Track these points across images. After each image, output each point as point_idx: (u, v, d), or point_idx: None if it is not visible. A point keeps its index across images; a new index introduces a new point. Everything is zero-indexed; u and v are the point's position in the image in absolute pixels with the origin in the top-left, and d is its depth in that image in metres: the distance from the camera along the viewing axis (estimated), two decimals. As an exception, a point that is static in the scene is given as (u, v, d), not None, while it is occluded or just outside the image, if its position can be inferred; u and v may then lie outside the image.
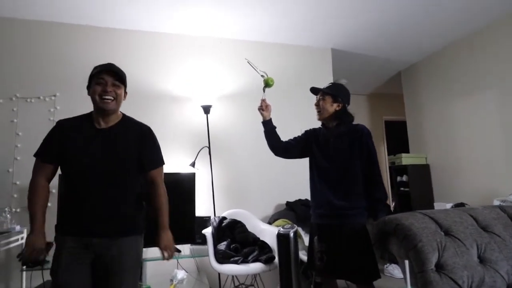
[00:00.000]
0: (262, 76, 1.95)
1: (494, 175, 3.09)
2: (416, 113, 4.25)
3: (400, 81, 4.48)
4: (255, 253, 2.37)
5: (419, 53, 3.93)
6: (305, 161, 1.99)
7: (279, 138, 2.00)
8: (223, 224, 2.55)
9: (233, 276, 2.40)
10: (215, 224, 2.54)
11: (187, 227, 2.55)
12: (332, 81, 1.95)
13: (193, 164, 2.76)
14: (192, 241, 2.60)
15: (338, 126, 1.87)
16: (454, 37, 3.53)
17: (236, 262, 2.27)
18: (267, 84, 1.95)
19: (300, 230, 2.59)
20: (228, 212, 2.78)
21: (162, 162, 1.59)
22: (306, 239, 2.47)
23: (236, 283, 2.52)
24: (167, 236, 1.52)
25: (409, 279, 0.98)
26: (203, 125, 3.00)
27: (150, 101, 3.01)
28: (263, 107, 1.97)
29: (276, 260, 2.29)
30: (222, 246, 2.40)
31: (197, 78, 3.15)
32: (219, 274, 2.74)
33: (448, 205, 3.22)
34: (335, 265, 1.76)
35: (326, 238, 1.81)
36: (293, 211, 2.88)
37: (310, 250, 1.91)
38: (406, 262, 1.04)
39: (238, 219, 2.71)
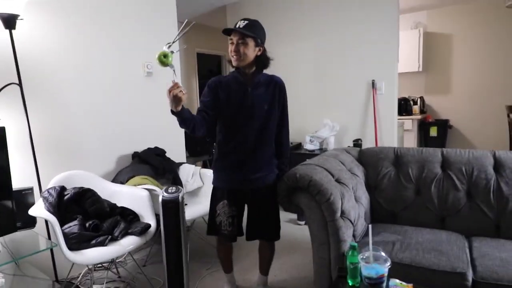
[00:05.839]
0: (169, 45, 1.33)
1: (305, 115, 3.80)
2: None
3: (225, 15, 4.40)
4: (121, 225, 1.91)
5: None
6: (154, 101, 1.59)
7: (199, 120, 1.52)
8: (66, 197, 1.84)
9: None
10: (51, 199, 1.79)
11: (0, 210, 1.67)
12: (246, 17, 1.57)
13: (-8, 113, 1.71)
14: (11, 230, 1.75)
15: (257, 73, 1.64)
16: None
17: (102, 243, 1.75)
18: (163, 60, 1.30)
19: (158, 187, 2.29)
20: (60, 178, 2.01)
21: None
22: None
23: (92, 268, 1.99)
24: None
25: (371, 240, 1.09)
26: (5, 49, 1.84)
27: None
28: (177, 93, 1.30)
29: (152, 229, 1.95)
30: (73, 227, 1.76)
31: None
32: (54, 263, 2.06)
33: (271, 140, 3.75)
34: (249, 228, 1.73)
35: (238, 202, 1.70)
36: (147, 163, 2.45)
37: (213, 215, 1.74)
38: (370, 226, 1.15)
39: (78, 184, 2.03)
